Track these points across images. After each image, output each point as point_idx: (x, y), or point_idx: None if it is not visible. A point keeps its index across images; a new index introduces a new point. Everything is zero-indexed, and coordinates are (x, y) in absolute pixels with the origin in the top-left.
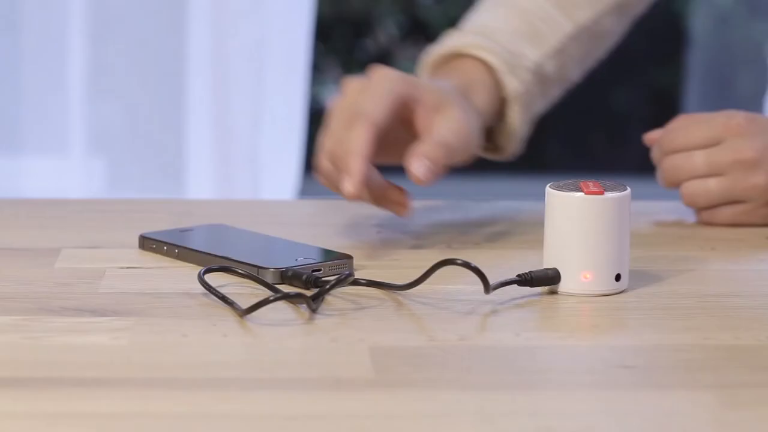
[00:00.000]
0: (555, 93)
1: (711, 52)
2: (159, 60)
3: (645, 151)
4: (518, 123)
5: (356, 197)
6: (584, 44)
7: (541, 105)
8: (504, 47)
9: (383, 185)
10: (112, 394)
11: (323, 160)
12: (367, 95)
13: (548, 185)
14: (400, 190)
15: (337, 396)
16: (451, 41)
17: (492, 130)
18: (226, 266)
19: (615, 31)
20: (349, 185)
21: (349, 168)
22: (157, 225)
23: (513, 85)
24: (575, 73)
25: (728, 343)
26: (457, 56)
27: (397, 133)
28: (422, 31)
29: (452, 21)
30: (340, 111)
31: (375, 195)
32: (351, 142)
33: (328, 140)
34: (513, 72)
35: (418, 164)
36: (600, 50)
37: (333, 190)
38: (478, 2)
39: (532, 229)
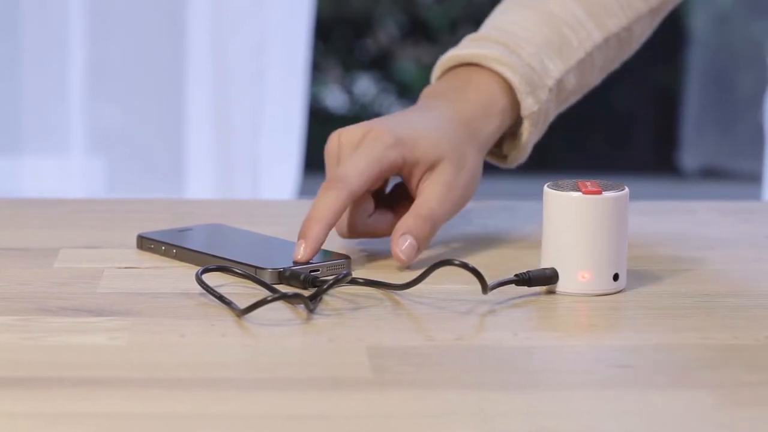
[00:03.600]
0: (573, 100)
1: (711, 51)
2: (159, 60)
3: (645, 150)
4: (528, 139)
5: (305, 262)
6: (611, 51)
7: (556, 113)
8: (527, 63)
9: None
10: (111, 394)
11: None
12: (354, 160)
13: (546, 185)
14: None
15: (335, 396)
16: (473, 48)
17: (502, 138)
18: (224, 266)
19: (644, 35)
20: (302, 251)
21: (309, 233)
22: (156, 225)
23: (530, 104)
24: (596, 79)
25: (727, 342)
26: (476, 64)
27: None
28: (422, 31)
29: (452, 21)
30: (334, 159)
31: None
32: (318, 208)
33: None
34: (533, 93)
35: (404, 244)
36: (626, 54)
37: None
38: None
39: (530, 228)
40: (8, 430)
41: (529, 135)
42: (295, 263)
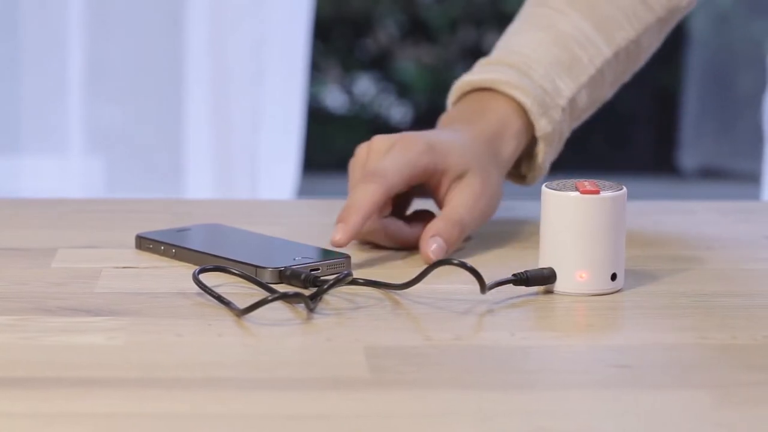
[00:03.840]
0: (586, 116)
1: (711, 51)
2: (158, 60)
3: (645, 150)
4: (544, 159)
5: (341, 246)
6: (621, 64)
7: (571, 129)
8: (539, 85)
9: (409, 238)
10: (109, 394)
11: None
12: (390, 158)
13: (544, 185)
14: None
15: (335, 396)
16: (486, 73)
17: (519, 159)
18: (221, 266)
19: (652, 46)
20: (341, 234)
21: (347, 219)
22: (155, 225)
23: (543, 125)
24: (608, 93)
25: (724, 342)
26: (490, 89)
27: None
28: (422, 31)
29: (452, 21)
30: (360, 167)
31: (398, 242)
32: (358, 197)
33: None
34: (546, 114)
35: (433, 245)
36: (635, 66)
37: None
38: (517, 15)
39: (529, 228)
40: (6, 430)
41: (545, 155)
42: (331, 245)
